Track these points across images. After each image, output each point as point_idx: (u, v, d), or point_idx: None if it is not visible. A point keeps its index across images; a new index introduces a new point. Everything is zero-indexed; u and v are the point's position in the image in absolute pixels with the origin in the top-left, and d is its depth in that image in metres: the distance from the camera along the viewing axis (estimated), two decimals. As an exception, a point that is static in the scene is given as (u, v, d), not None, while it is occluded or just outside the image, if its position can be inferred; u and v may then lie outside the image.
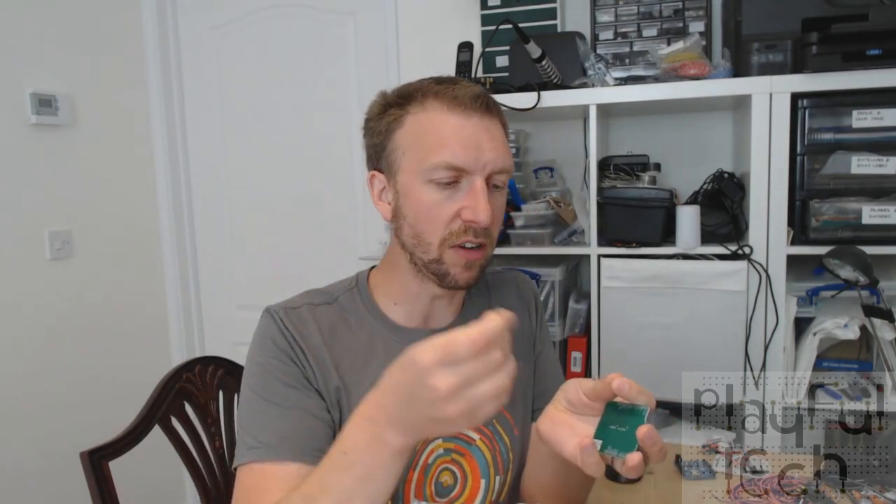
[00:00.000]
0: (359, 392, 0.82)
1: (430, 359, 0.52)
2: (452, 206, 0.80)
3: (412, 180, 0.81)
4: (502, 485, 0.92)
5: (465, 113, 0.80)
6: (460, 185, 0.80)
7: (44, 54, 1.97)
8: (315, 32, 2.24)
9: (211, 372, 1.26)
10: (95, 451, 1.01)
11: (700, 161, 1.84)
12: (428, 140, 0.80)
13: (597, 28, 1.79)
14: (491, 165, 0.80)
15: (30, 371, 1.94)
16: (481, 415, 0.53)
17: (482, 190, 0.79)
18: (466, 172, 0.79)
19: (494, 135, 0.82)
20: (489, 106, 0.82)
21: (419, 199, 0.81)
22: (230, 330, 2.44)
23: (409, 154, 0.82)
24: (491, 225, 0.82)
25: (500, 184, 0.83)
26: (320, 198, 2.30)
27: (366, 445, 0.59)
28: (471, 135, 0.79)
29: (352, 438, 0.60)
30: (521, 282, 1.04)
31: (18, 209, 1.91)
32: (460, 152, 0.78)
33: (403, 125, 0.82)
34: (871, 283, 1.32)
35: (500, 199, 0.85)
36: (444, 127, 0.80)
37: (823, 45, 1.42)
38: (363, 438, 0.59)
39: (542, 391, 0.98)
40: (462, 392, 0.52)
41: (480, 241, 0.81)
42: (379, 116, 0.85)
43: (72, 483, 1.38)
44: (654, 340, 1.59)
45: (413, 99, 0.82)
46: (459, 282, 0.83)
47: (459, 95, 0.80)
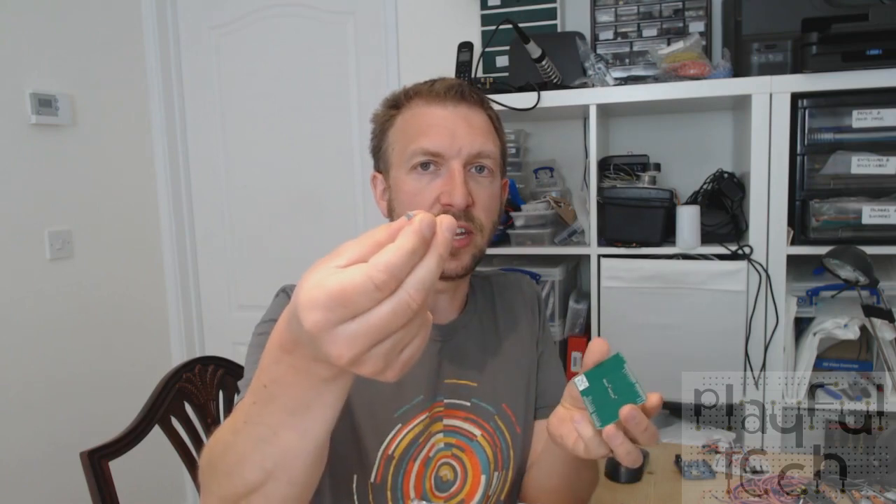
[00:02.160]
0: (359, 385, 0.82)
1: (320, 320, 0.38)
2: (432, 193, 0.83)
3: (398, 173, 0.86)
4: (503, 482, 0.93)
5: (441, 103, 0.85)
6: (439, 172, 0.84)
7: (44, 54, 1.97)
8: (315, 32, 2.24)
9: (211, 372, 1.26)
10: (95, 451, 1.01)
11: (700, 161, 1.84)
12: (410, 132, 0.85)
13: (597, 28, 1.79)
14: (467, 149, 0.83)
15: (30, 371, 1.93)
16: (403, 364, 0.43)
17: (458, 173, 0.82)
18: (442, 157, 0.83)
19: (473, 122, 0.85)
20: (464, 94, 0.86)
21: (404, 188, 0.85)
22: (230, 330, 2.44)
23: (396, 148, 0.87)
24: (474, 209, 0.83)
25: (486, 166, 0.85)
26: (320, 197, 2.30)
27: (287, 376, 0.48)
28: (446, 122, 0.84)
29: (270, 371, 0.49)
30: (525, 284, 1.06)
31: (18, 209, 1.91)
32: (436, 138, 0.82)
33: (394, 124, 0.88)
34: (871, 283, 1.32)
35: (486, 184, 0.86)
36: (423, 118, 0.85)
37: (823, 45, 1.42)
38: (282, 369, 0.48)
39: (544, 390, 0.99)
40: (372, 351, 0.40)
41: (462, 225, 0.82)
42: (378, 120, 0.91)
43: (72, 482, 1.38)
44: (654, 340, 1.59)
45: (401, 100, 0.88)
46: (446, 270, 0.83)
47: (436, 88, 0.86)
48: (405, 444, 0.86)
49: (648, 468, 1.21)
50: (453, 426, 0.90)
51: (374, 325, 0.38)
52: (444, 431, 0.89)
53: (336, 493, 0.86)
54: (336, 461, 0.83)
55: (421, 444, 0.87)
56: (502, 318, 0.99)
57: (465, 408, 0.90)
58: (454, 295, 0.93)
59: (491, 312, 0.98)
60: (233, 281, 2.45)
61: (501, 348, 0.96)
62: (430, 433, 0.88)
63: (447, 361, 0.90)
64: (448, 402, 0.89)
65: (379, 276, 0.37)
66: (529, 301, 1.03)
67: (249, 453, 0.53)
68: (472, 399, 0.91)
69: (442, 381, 0.89)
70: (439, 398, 0.89)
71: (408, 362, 0.43)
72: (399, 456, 0.86)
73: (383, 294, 0.38)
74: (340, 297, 0.37)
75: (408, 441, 0.86)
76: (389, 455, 0.85)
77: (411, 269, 0.39)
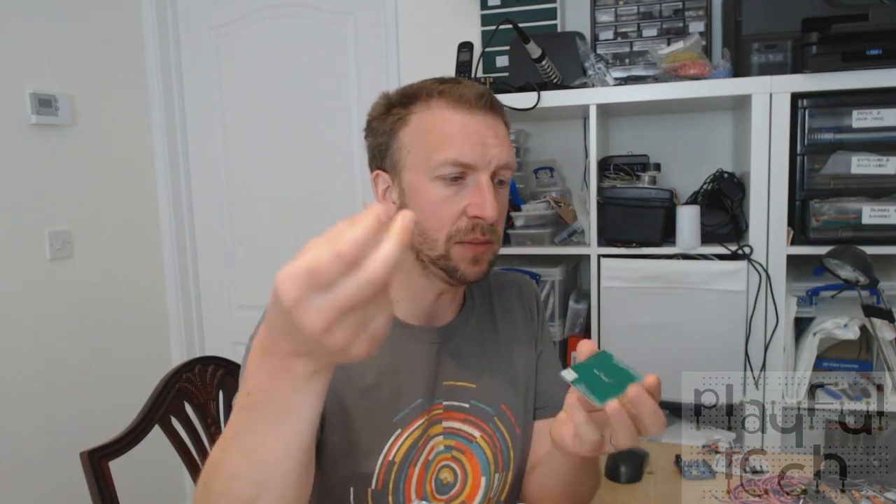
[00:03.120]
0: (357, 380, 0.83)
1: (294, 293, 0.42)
2: (459, 203, 0.81)
3: (418, 178, 0.82)
4: (503, 483, 0.93)
5: (469, 111, 0.82)
6: (466, 182, 0.81)
7: (44, 54, 1.97)
8: (315, 32, 2.24)
9: (211, 372, 1.26)
10: (95, 451, 1.01)
11: (700, 161, 1.84)
12: (434, 137, 0.81)
13: (597, 28, 1.79)
14: (496, 161, 0.81)
15: (30, 371, 1.93)
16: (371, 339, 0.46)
17: (488, 186, 0.81)
18: (472, 168, 0.81)
19: (498, 132, 0.84)
20: (493, 104, 0.84)
21: (426, 196, 0.82)
22: (230, 330, 2.44)
23: (414, 152, 0.83)
24: (496, 222, 0.83)
25: (505, 179, 0.85)
26: (320, 197, 2.30)
27: (268, 380, 0.52)
28: (476, 132, 0.81)
29: (253, 378, 0.53)
30: (523, 283, 1.05)
31: (18, 209, 1.91)
32: (466, 149, 0.80)
33: (408, 124, 0.84)
34: (871, 283, 1.32)
35: (505, 195, 0.87)
36: (449, 125, 0.81)
37: (823, 45, 1.42)
38: (264, 374, 0.52)
39: (543, 390, 0.99)
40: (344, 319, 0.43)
41: (487, 237, 0.82)
42: (383, 116, 0.86)
43: (72, 482, 1.38)
44: (654, 340, 1.59)
45: (418, 98, 0.84)
46: (468, 276, 0.83)
47: (465, 94, 0.82)
48: (405, 449, 0.85)
49: (648, 468, 1.21)
50: (452, 428, 0.89)
51: (341, 296, 0.42)
52: (443, 434, 0.89)
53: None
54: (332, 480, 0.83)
55: (420, 447, 0.87)
56: (500, 319, 0.98)
57: (463, 409, 0.90)
58: (454, 297, 0.93)
59: (489, 313, 0.98)
60: (233, 281, 2.45)
61: (500, 349, 0.96)
62: (430, 436, 0.88)
63: (445, 363, 0.90)
64: (447, 405, 0.89)
65: (344, 248, 0.41)
66: (527, 301, 1.03)
67: (240, 467, 0.56)
68: (471, 400, 0.91)
69: (440, 383, 0.89)
70: (437, 400, 0.89)
71: (375, 338, 0.46)
72: (400, 461, 0.85)
73: (349, 267, 0.41)
74: (312, 269, 0.41)
75: (408, 445, 0.86)
76: (390, 461, 0.85)
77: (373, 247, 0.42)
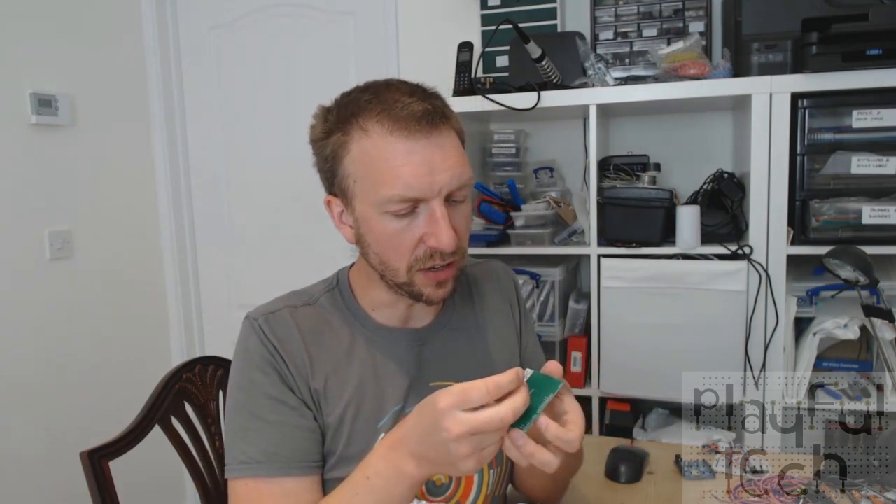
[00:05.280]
0: (340, 392, 0.83)
1: (446, 403, 0.59)
2: (414, 232, 0.77)
3: (368, 210, 0.78)
4: (498, 478, 0.93)
5: (411, 135, 0.73)
6: (418, 211, 0.76)
7: (44, 54, 1.97)
8: (315, 32, 2.24)
9: (211, 372, 1.26)
10: (95, 451, 1.01)
11: (700, 161, 1.85)
12: (378, 170, 0.75)
13: (597, 28, 1.79)
14: (447, 188, 0.75)
15: (30, 371, 1.94)
16: (486, 455, 0.61)
17: (442, 216, 0.75)
18: (422, 200, 0.75)
19: (447, 150, 0.76)
20: (435, 121, 0.75)
21: (379, 228, 0.78)
22: (230, 330, 2.41)
23: (361, 182, 0.77)
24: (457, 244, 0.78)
25: (461, 199, 0.79)
26: (320, 197, 2.29)
27: (387, 473, 0.67)
28: (422, 160, 0.73)
29: (374, 466, 0.68)
30: (501, 273, 1.03)
31: (18, 209, 1.91)
32: (413, 181, 0.73)
33: (350, 152, 0.77)
34: (871, 283, 1.32)
35: (464, 210, 0.81)
36: (392, 154, 0.74)
37: (823, 45, 1.42)
38: (385, 466, 0.67)
39: None
40: (472, 436, 0.59)
41: (448, 261, 0.79)
42: (323, 141, 0.81)
43: (72, 482, 1.38)
44: (654, 340, 1.59)
45: (355, 120, 0.77)
46: (434, 299, 0.81)
47: (402, 116, 0.74)
48: None
49: (648, 468, 1.21)
50: None
51: (478, 419, 0.59)
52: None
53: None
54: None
55: None
56: (481, 314, 0.97)
57: None
58: None
59: (470, 310, 0.96)
60: (233, 281, 2.45)
61: (485, 345, 0.95)
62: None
63: (429, 364, 0.89)
64: None
65: (490, 385, 0.59)
66: (507, 292, 1.01)
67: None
68: None
69: (426, 384, 0.88)
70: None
71: (482, 461, 0.61)
72: None
73: (490, 399, 0.59)
74: (465, 389, 0.60)
75: None
76: None
77: (508, 395, 0.60)
